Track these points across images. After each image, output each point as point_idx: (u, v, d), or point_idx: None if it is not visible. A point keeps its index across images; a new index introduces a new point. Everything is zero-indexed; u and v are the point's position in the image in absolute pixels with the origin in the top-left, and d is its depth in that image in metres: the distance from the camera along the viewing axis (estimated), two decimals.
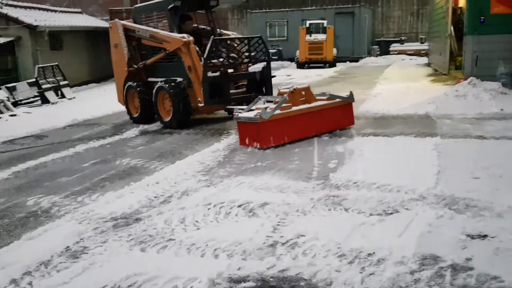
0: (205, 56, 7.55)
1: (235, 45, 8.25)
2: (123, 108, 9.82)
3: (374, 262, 3.16)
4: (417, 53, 24.94)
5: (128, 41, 9.18)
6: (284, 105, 6.46)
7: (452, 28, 14.34)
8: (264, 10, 27.79)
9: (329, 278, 3.00)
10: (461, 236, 3.43)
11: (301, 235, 3.62)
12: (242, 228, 3.85)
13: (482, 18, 11.10)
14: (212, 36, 7.88)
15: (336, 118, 7.13)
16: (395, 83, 13.39)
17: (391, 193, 4.39)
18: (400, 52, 26.20)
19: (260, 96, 7.10)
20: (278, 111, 6.30)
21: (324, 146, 6.41)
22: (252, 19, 27.70)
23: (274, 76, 8.72)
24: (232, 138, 7.12)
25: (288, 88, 6.82)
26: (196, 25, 9.40)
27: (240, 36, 9.56)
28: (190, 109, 8.15)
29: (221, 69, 7.92)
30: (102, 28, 19.71)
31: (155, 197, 4.70)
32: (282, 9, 27.42)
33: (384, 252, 3.25)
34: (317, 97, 7.12)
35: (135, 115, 9.30)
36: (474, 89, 9.85)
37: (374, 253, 3.27)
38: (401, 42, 28.05)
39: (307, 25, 23.36)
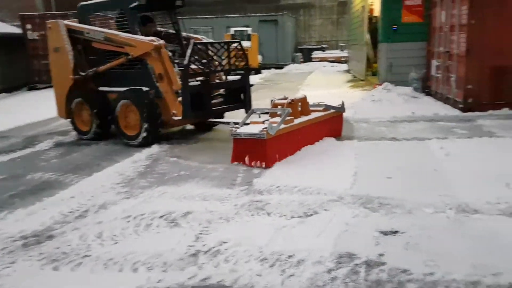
0: (185, 62, 6.57)
1: (216, 50, 7.28)
2: (37, 118, 9.18)
3: (294, 263, 3.22)
4: (338, 60, 26.04)
5: (72, 44, 7.83)
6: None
7: (368, 36, 15.15)
8: (189, 17, 27.59)
9: (250, 283, 3.01)
10: (375, 233, 3.60)
11: (224, 242, 3.61)
12: (163, 239, 3.76)
13: (395, 26, 11.84)
14: (192, 40, 6.98)
15: (329, 129, 6.81)
16: (317, 89, 13.86)
17: (312, 196, 4.51)
18: (322, 59, 27.20)
19: (253, 109, 6.25)
20: (282, 125, 5.63)
21: None
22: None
23: (252, 85, 7.92)
24: (156, 147, 6.94)
25: (283, 99, 6.20)
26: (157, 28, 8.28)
27: (219, 40, 8.70)
28: (160, 123, 7.08)
29: (202, 77, 7.03)
30: (15, 35, 18.53)
31: (70, 212, 4.46)
32: (208, 16, 27.45)
33: (304, 253, 3.33)
34: (311, 108, 6.69)
35: (86, 131, 7.87)
36: (389, 94, 10.45)
37: (294, 255, 3.33)
38: (323, 49, 29.16)
39: (232, 32, 23.56)
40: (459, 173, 4.97)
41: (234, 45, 7.55)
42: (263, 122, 5.75)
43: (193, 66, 6.83)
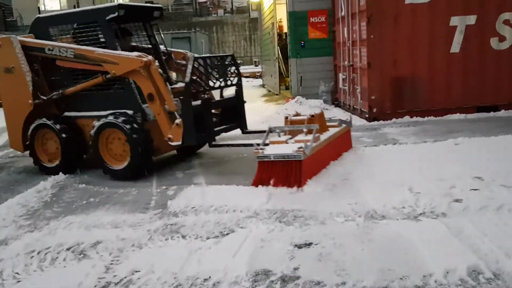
0: (187, 79, 5.75)
1: (213, 65, 6.51)
2: None
3: (209, 286, 3.14)
4: (253, 75, 26.51)
5: (29, 63, 6.62)
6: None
7: (279, 51, 15.62)
8: None
9: None
10: (290, 247, 3.63)
11: (136, 271, 3.44)
12: (70, 273, 3.51)
13: (302, 42, 12.32)
14: (192, 54, 6.24)
15: (344, 144, 6.43)
16: None
17: (228, 214, 4.47)
18: None
19: (270, 127, 5.71)
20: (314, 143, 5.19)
21: (164, 173, 6.30)
22: None
23: (245, 102, 7.21)
24: (64, 175, 6.50)
25: (298, 115, 5.75)
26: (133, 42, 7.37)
27: (215, 54, 7.64)
28: (152, 150, 6.19)
29: (202, 95, 6.25)
30: None
31: None
32: None
33: (219, 274, 3.26)
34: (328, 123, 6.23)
35: (52, 165, 6.63)
36: (301, 107, 10.79)
37: (210, 277, 3.25)
38: None
39: None
40: (367, 180, 5.20)
41: (228, 59, 6.86)
42: (286, 142, 5.30)
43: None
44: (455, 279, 2.95)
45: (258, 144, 5.23)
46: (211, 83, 6.32)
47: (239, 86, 6.82)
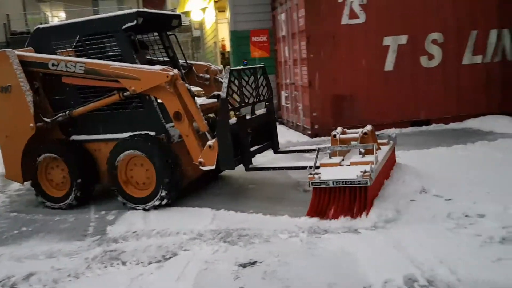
0: (223, 94, 5.04)
1: (247, 78, 5.80)
2: None
3: None
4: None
5: (29, 81, 5.75)
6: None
7: None
8: None
9: None
10: (234, 267, 3.59)
11: None
12: None
13: (245, 61, 12.44)
14: (227, 67, 5.40)
15: (392, 162, 5.74)
16: None
17: (171, 237, 4.36)
18: None
19: (319, 147, 5.03)
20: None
21: (103, 197, 6.07)
22: None
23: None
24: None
25: (347, 134, 5.23)
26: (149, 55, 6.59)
27: (247, 66, 6.47)
28: (182, 176, 5.44)
29: (237, 112, 5.43)
30: None
31: None
32: None
33: None
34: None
35: (61, 197, 5.73)
36: None
37: None
38: None
39: None
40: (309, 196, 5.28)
41: (259, 71, 6.09)
42: (340, 164, 4.70)
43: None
44: None
45: (311, 167, 4.58)
46: (245, 99, 5.61)
47: (270, 101, 6.16)
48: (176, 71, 5.16)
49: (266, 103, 6.08)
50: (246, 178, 6.26)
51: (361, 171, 4.26)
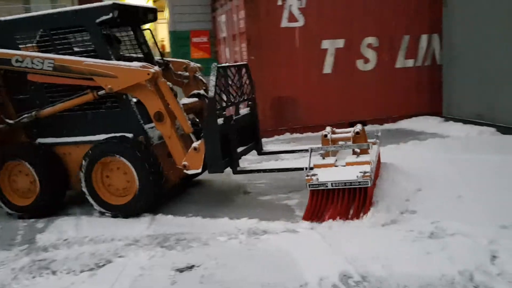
0: (211, 93, 4.70)
1: (232, 75, 5.42)
2: None
3: None
4: None
5: None
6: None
7: None
8: None
9: None
10: (171, 272, 3.51)
11: None
12: None
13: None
14: (214, 64, 4.93)
15: (379, 161, 5.43)
16: None
17: (105, 244, 4.20)
18: None
19: (312, 147, 4.74)
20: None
21: None
22: None
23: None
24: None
25: (338, 133, 4.99)
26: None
27: (232, 64, 5.98)
28: (162, 180, 5.03)
29: (224, 112, 5.12)
30: None
31: None
32: None
33: None
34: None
35: (25, 205, 5.21)
36: None
37: None
38: None
39: None
40: (252, 198, 5.29)
41: (243, 70, 5.74)
42: (334, 165, 4.51)
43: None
44: (328, 285, 3.08)
45: (306, 169, 4.41)
46: (231, 98, 5.30)
47: (253, 100, 5.85)
48: (157, 68, 4.86)
49: (249, 103, 5.80)
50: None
51: (360, 172, 4.13)
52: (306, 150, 4.95)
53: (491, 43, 7.88)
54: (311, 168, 4.45)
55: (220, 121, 4.88)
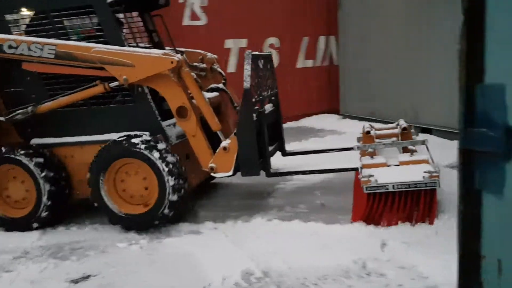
0: (247, 84, 4.05)
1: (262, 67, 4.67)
2: None
3: None
4: None
5: None
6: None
7: None
8: None
9: None
10: (65, 284, 3.30)
11: None
12: None
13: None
14: (248, 51, 4.24)
15: None
16: None
17: None
18: None
19: (358, 145, 4.31)
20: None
21: None
22: None
23: None
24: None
25: (381, 130, 4.51)
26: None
27: (260, 53, 4.83)
28: (186, 186, 4.26)
29: (256, 107, 4.35)
30: None
31: None
32: None
33: None
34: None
35: (20, 217, 4.41)
36: None
37: None
38: None
39: None
40: None
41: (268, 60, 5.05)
42: (387, 164, 4.00)
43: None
44: (231, 284, 3.10)
45: (357, 169, 4.00)
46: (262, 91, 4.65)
47: (276, 95, 5.16)
48: (180, 56, 4.22)
49: (272, 98, 5.04)
50: None
51: (426, 172, 3.70)
52: (340, 149, 4.68)
53: (381, 45, 8.50)
54: (359, 169, 4.00)
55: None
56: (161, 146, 4.13)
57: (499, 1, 1.48)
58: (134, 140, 4.12)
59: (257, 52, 4.55)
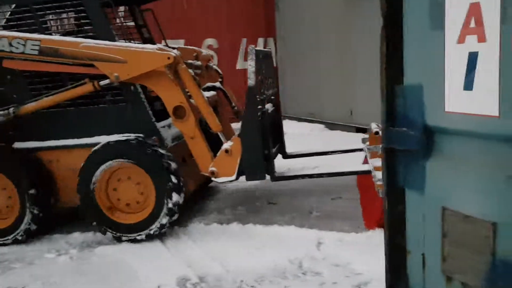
0: (252, 81, 3.78)
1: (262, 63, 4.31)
2: None
3: None
4: None
5: None
6: None
7: None
8: None
9: None
10: None
11: None
12: None
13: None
14: (251, 46, 3.92)
15: None
16: None
17: None
18: None
19: (368, 147, 3.94)
20: None
21: None
22: None
23: None
24: None
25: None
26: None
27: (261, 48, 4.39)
28: (184, 191, 3.90)
29: (259, 106, 3.94)
30: None
31: None
32: None
33: None
34: None
35: (4, 228, 3.98)
36: None
37: None
38: None
39: None
40: None
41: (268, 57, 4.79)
42: None
43: None
44: None
45: (367, 171, 3.74)
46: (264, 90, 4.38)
47: (276, 94, 4.92)
48: (176, 51, 3.96)
49: (272, 97, 4.72)
50: None
51: None
52: (344, 151, 4.47)
53: (315, 46, 8.70)
54: (369, 172, 3.77)
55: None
56: (160, 149, 3.89)
57: (415, 6, 1.54)
58: (126, 142, 3.86)
59: (258, 48, 4.40)
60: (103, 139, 3.97)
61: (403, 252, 1.85)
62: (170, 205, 3.79)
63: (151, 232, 3.82)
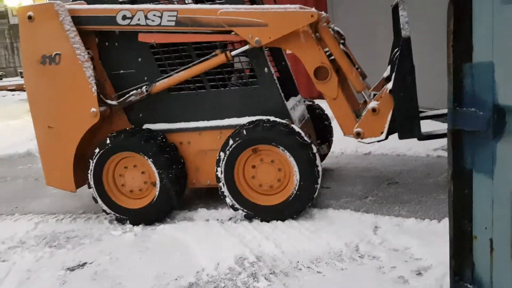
0: (406, 32, 3.61)
1: None
2: None
3: None
4: (20, 88, 23.74)
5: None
6: None
7: None
8: None
9: None
10: (61, 272, 3.31)
11: None
12: None
13: None
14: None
15: None
16: None
17: None
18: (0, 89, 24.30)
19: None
20: None
21: None
22: None
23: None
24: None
25: None
26: None
27: None
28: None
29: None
30: None
31: None
32: None
33: None
34: None
35: (139, 208, 4.05)
36: None
37: None
38: None
39: None
40: None
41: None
42: None
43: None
44: (224, 268, 3.13)
45: None
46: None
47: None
48: (314, 9, 3.80)
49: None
50: None
51: None
52: None
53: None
54: None
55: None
56: (291, 130, 3.72)
57: None
58: (267, 125, 3.72)
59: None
60: (233, 121, 3.96)
61: (469, 237, 1.81)
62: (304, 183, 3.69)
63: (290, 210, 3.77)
